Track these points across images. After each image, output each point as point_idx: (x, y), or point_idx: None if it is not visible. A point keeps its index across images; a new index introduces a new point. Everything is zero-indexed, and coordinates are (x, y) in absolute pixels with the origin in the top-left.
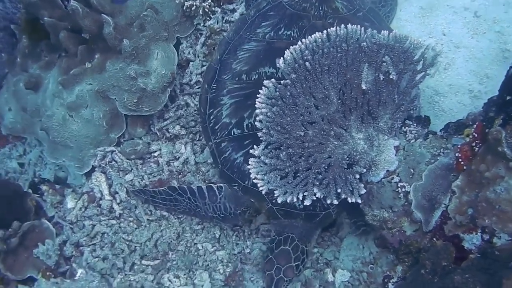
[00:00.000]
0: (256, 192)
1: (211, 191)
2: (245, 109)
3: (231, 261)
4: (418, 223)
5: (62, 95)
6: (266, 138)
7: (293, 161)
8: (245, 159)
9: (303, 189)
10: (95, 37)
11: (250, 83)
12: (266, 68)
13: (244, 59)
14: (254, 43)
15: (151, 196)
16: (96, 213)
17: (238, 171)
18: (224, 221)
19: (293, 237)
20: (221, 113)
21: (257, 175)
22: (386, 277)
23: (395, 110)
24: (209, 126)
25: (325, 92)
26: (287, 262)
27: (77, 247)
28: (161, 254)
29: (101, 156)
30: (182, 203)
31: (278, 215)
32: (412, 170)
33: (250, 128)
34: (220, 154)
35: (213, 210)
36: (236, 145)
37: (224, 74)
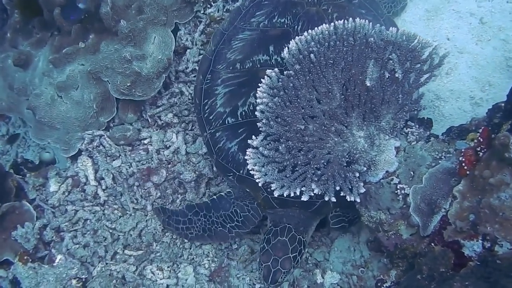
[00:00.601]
0: (251, 181)
1: (222, 199)
2: (239, 97)
3: (217, 256)
4: (415, 227)
5: (52, 74)
6: (266, 129)
7: (292, 155)
8: (239, 147)
9: (301, 184)
10: (91, 17)
11: (244, 71)
12: (260, 56)
13: (238, 48)
14: (248, 32)
15: (168, 217)
16: (79, 198)
17: (233, 160)
18: (244, 224)
19: (290, 228)
20: (215, 103)
21: (254, 166)
22: (379, 281)
23: (398, 110)
24: (204, 116)
25: (328, 87)
26: (284, 254)
27: (57, 232)
28: (145, 245)
29: (88, 140)
30: (196, 223)
31: (274, 204)
32: (412, 172)
33: (244, 116)
34: (214, 144)
35: (230, 219)
36: (230, 134)
37: (218, 64)
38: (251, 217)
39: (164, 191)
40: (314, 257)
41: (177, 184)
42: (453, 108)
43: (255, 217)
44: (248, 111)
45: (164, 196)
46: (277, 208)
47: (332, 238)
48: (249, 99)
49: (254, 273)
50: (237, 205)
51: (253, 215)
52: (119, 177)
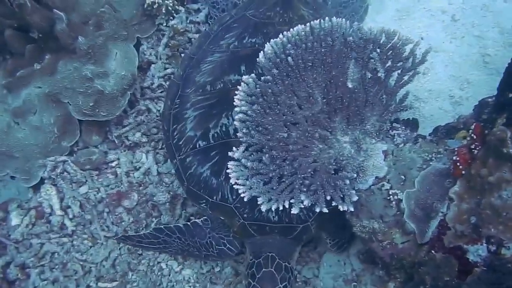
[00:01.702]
0: (225, 207)
1: (197, 227)
2: (211, 119)
3: (199, 281)
4: (411, 235)
5: (7, 100)
6: (247, 139)
7: (277, 165)
8: (212, 172)
9: (289, 196)
10: (45, 36)
11: (215, 92)
12: (231, 76)
13: (208, 71)
14: (218, 54)
15: (138, 242)
16: (45, 230)
17: (205, 186)
18: (220, 257)
19: (273, 256)
20: (185, 127)
21: (237, 180)
22: None
23: (383, 111)
24: (173, 142)
25: (308, 91)
26: (274, 285)
27: (23, 269)
28: (120, 275)
29: (51, 167)
30: (172, 244)
31: (251, 231)
32: (403, 176)
33: (216, 137)
34: (185, 171)
35: (205, 248)
36: (201, 158)
37: (187, 88)
38: (227, 250)
39: (137, 215)
40: (303, 275)
41: (150, 207)
42: (433, 108)
43: (231, 250)
44: (220, 132)
45: (137, 221)
46: (255, 236)
47: (320, 253)
48: (221, 120)
49: None
50: (212, 236)
51: (229, 249)
52: (87, 204)
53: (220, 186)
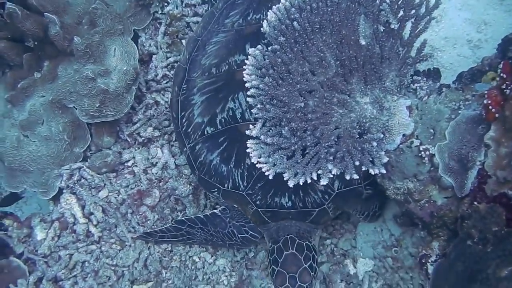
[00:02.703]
0: (237, 195)
1: (217, 217)
2: (217, 104)
3: (234, 269)
4: (449, 189)
5: (12, 114)
6: (263, 115)
7: (298, 137)
8: (221, 159)
9: (316, 167)
10: (41, 43)
11: (221, 75)
12: (236, 56)
13: (213, 52)
14: (223, 34)
15: (160, 237)
16: (71, 241)
17: (216, 174)
18: (245, 244)
19: (292, 237)
20: (192, 114)
21: (259, 158)
22: (422, 257)
23: (401, 65)
24: (182, 130)
25: (320, 55)
26: (299, 267)
27: (55, 283)
28: (153, 275)
29: (67, 176)
30: (195, 235)
31: (265, 218)
32: (432, 130)
33: (223, 123)
34: (195, 159)
35: (228, 237)
36: (210, 145)
37: (193, 73)
38: (250, 237)
39: (161, 212)
40: (340, 247)
41: (174, 202)
42: (452, 56)
43: (254, 236)
44: (228, 117)
45: (163, 218)
46: (270, 222)
47: (355, 223)
48: (227, 104)
49: None
50: (233, 225)
51: (252, 235)
52: (110, 208)
53: (230, 173)
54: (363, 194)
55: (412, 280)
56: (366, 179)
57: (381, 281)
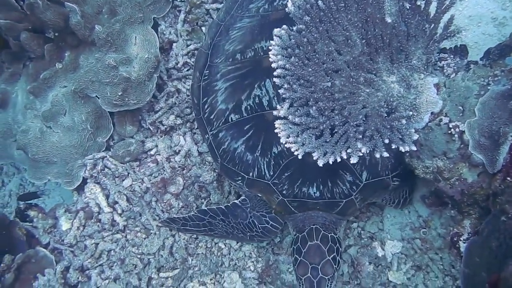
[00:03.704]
0: (262, 184)
1: (238, 208)
2: (243, 91)
3: (260, 255)
4: (479, 167)
5: (35, 106)
6: (290, 95)
7: (326, 116)
8: (246, 147)
9: (345, 146)
10: (62, 33)
11: (246, 61)
12: (262, 43)
13: (238, 38)
14: (247, 19)
15: (182, 225)
16: (97, 230)
17: (240, 162)
18: (265, 236)
19: (317, 228)
20: (216, 100)
21: (288, 138)
22: (454, 235)
23: (428, 42)
24: (204, 117)
25: (345, 34)
26: (322, 258)
27: (82, 272)
28: (179, 262)
29: (91, 165)
30: (217, 226)
31: (292, 208)
32: (461, 107)
33: (249, 110)
34: (218, 146)
35: (249, 228)
36: (235, 133)
37: (216, 58)
38: (271, 228)
39: (185, 199)
40: (367, 230)
41: (198, 189)
42: (476, 35)
43: (275, 227)
44: (254, 104)
45: (187, 205)
46: (296, 212)
47: (381, 206)
48: (253, 91)
49: None
50: (254, 215)
51: (273, 226)
52: (134, 197)
53: (256, 161)
54: (390, 186)
55: (442, 261)
56: (394, 170)
57: (410, 263)
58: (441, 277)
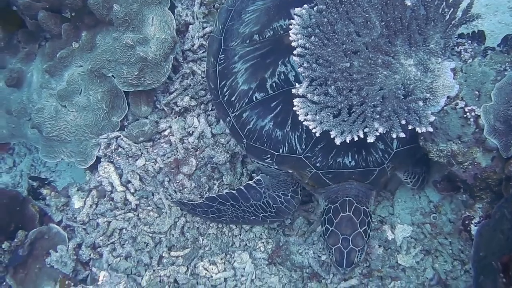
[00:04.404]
0: (294, 159)
1: (251, 189)
2: (265, 69)
3: (271, 237)
4: (494, 151)
5: (50, 85)
6: (309, 74)
7: (344, 96)
8: (275, 123)
9: (362, 126)
10: (79, 13)
11: (265, 41)
12: (281, 21)
13: (253, 20)
14: (260, 2)
15: (191, 209)
16: (109, 208)
17: (269, 140)
18: (279, 216)
19: (350, 200)
20: (236, 82)
21: (306, 116)
22: (466, 218)
23: (446, 26)
24: (224, 100)
25: (365, 16)
26: (353, 229)
27: (94, 249)
28: (190, 242)
29: (105, 145)
30: (226, 212)
31: (326, 180)
32: (477, 92)
33: (275, 87)
34: (243, 127)
35: (262, 209)
36: (261, 111)
37: (231, 42)
38: (285, 209)
39: (198, 180)
40: (377, 214)
41: (210, 170)
42: (493, 24)
43: (289, 209)
44: (280, 81)
45: (200, 186)
46: (331, 184)
47: (392, 190)
48: (278, 68)
49: (316, 244)
50: (268, 195)
51: (287, 207)
52: (147, 176)
53: (286, 137)
54: (418, 154)
55: (451, 246)
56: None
57: (419, 247)
58: (449, 261)
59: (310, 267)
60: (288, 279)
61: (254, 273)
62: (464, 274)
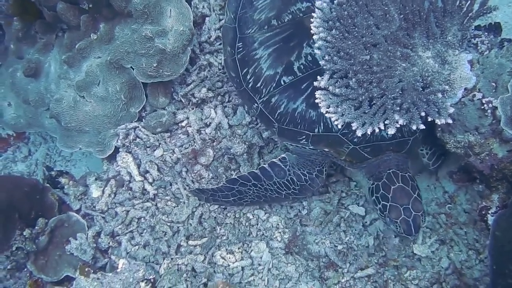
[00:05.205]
0: (331, 137)
1: (276, 167)
2: (290, 52)
3: (288, 226)
4: (510, 142)
5: (69, 75)
6: (330, 67)
7: (365, 88)
8: (308, 104)
9: (383, 117)
10: (97, 5)
11: (285, 25)
12: (298, 4)
13: (267, 6)
14: None
15: (211, 195)
16: (128, 198)
17: (303, 121)
18: (302, 192)
19: (394, 172)
20: (260, 68)
21: (328, 108)
22: (482, 209)
23: (463, 18)
24: (248, 87)
25: (384, 8)
26: (409, 198)
27: (113, 237)
28: (208, 231)
29: (123, 135)
30: (247, 193)
31: (365, 154)
32: (494, 83)
33: (303, 69)
34: (273, 112)
35: (285, 186)
36: (292, 93)
37: (247, 29)
38: (309, 187)
39: (215, 170)
40: None
41: (227, 161)
42: (507, 15)
43: (313, 186)
44: (307, 62)
45: (217, 176)
46: (370, 158)
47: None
48: (303, 50)
49: (333, 234)
50: (293, 173)
51: (311, 185)
52: (165, 167)
53: (321, 116)
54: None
55: (466, 235)
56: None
57: (435, 237)
58: (464, 251)
59: (327, 256)
60: (304, 268)
61: (271, 262)
62: (479, 264)
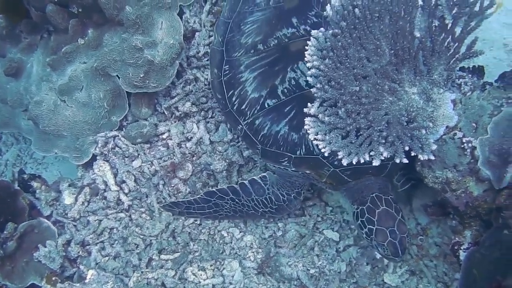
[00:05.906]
0: (311, 160)
1: (255, 184)
2: (275, 76)
3: (261, 247)
4: (485, 182)
5: (51, 78)
6: (321, 94)
7: (352, 119)
8: (290, 127)
9: (369, 149)
10: (87, 10)
11: (271, 49)
12: (284, 30)
13: (254, 30)
14: (259, 13)
15: (186, 208)
16: (101, 207)
17: (285, 143)
18: (278, 212)
19: (377, 195)
20: (245, 91)
21: (316, 135)
22: (455, 244)
23: (450, 59)
24: (234, 109)
25: (376, 43)
26: (394, 220)
27: (83, 247)
28: (181, 246)
29: (102, 143)
30: (224, 207)
31: (345, 177)
32: (475, 124)
33: (287, 93)
34: (256, 133)
35: (263, 204)
36: (275, 116)
37: (234, 52)
38: (286, 207)
39: (193, 185)
40: None
41: (206, 177)
42: (487, 59)
43: (290, 207)
44: (291, 86)
45: (194, 191)
46: (350, 181)
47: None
48: (287, 74)
49: (306, 258)
50: (272, 192)
51: (288, 206)
52: (142, 178)
53: (302, 139)
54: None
55: (436, 268)
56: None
57: (405, 267)
58: (433, 283)
59: (299, 279)
60: None
61: (243, 282)
62: None
